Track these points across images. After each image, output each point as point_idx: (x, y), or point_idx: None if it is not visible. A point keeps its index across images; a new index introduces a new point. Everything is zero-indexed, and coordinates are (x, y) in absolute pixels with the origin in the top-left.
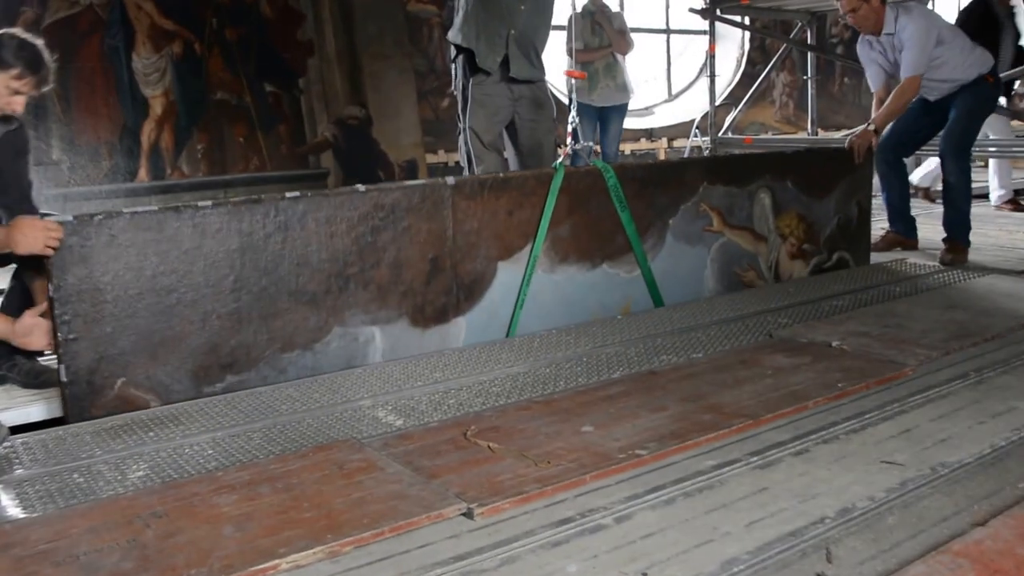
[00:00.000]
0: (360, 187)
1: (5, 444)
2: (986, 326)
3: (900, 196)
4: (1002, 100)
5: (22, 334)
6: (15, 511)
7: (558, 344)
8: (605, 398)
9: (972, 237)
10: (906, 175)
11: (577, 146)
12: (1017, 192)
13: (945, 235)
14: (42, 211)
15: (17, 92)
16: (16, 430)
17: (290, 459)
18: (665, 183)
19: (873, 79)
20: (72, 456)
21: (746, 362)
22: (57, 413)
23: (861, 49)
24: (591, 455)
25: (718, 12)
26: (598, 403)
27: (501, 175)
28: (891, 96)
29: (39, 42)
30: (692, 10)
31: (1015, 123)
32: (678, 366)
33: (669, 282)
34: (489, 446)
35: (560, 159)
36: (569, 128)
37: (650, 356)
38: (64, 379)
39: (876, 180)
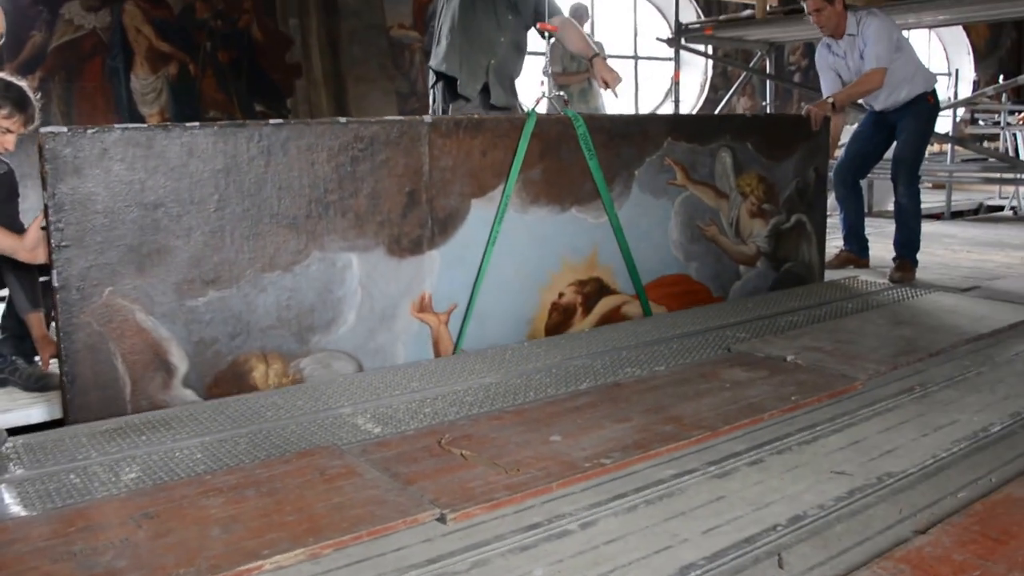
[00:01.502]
0: (341, 119)
1: (6, 445)
2: (931, 342)
3: (856, 217)
4: (947, 128)
5: (30, 248)
6: (16, 509)
7: (529, 356)
8: (572, 409)
9: (919, 256)
10: (862, 197)
11: (551, 95)
12: (955, 214)
13: (895, 254)
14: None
15: (8, 131)
16: (17, 431)
17: (274, 464)
18: (631, 136)
19: (827, 86)
20: (70, 457)
21: (706, 375)
22: (57, 415)
23: (820, 55)
24: (558, 464)
25: (683, 41)
26: (566, 413)
27: (476, 116)
28: (856, 81)
29: (23, 83)
30: (659, 39)
31: (959, 149)
32: (642, 378)
33: (635, 231)
34: (462, 454)
35: (533, 106)
36: (543, 78)
37: (615, 368)
38: (56, 284)
39: (832, 200)
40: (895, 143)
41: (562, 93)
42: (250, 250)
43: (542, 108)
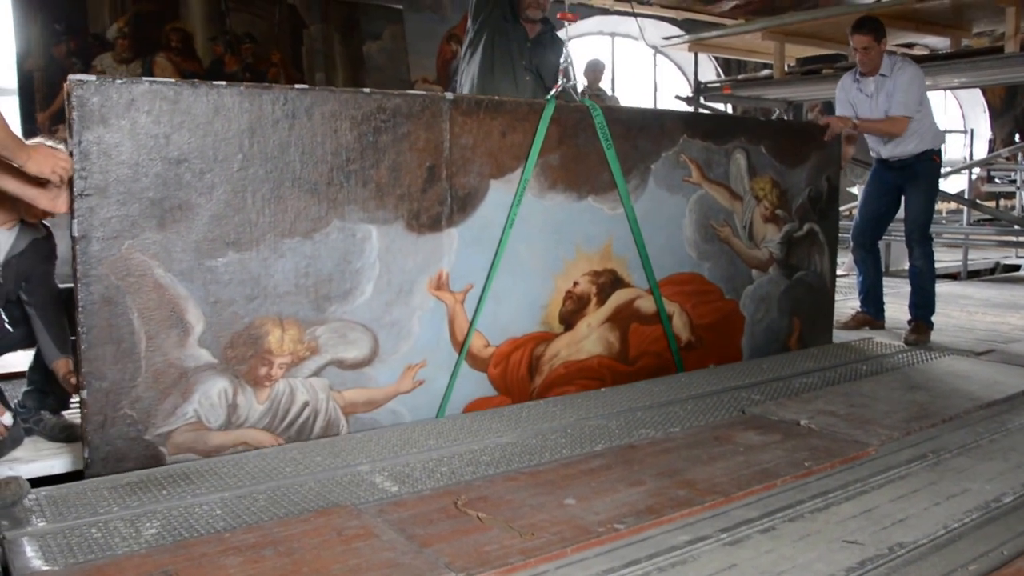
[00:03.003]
0: (365, 89)
1: (29, 498)
2: (944, 407)
3: (874, 279)
4: (963, 185)
5: (51, 197)
6: (38, 563)
7: (544, 415)
8: (587, 471)
9: (935, 318)
10: (880, 259)
11: (569, 84)
12: (972, 274)
13: (911, 316)
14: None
15: None
16: (40, 481)
17: (292, 523)
18: (648, 129)
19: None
20: (91, 511)
21: (720, 439)
22: (80, 466)
23: (843, 85)
24: (572, 528)
25: (702, 99)
26: (580, 476)
27: (496, 98)
28: (881, 119)
29: (61, 148)
30: (678, 97)
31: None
32: (656, 440)
33: (650, 225)
34: (478, 516)
35: (552, 92)
36: (561, 67)
37: (630, 429)
38: (76, 234)
39: (851, 260)
40: (905, 206)
41: (578, 82)
42: (271, 213)
43: (557, 84)
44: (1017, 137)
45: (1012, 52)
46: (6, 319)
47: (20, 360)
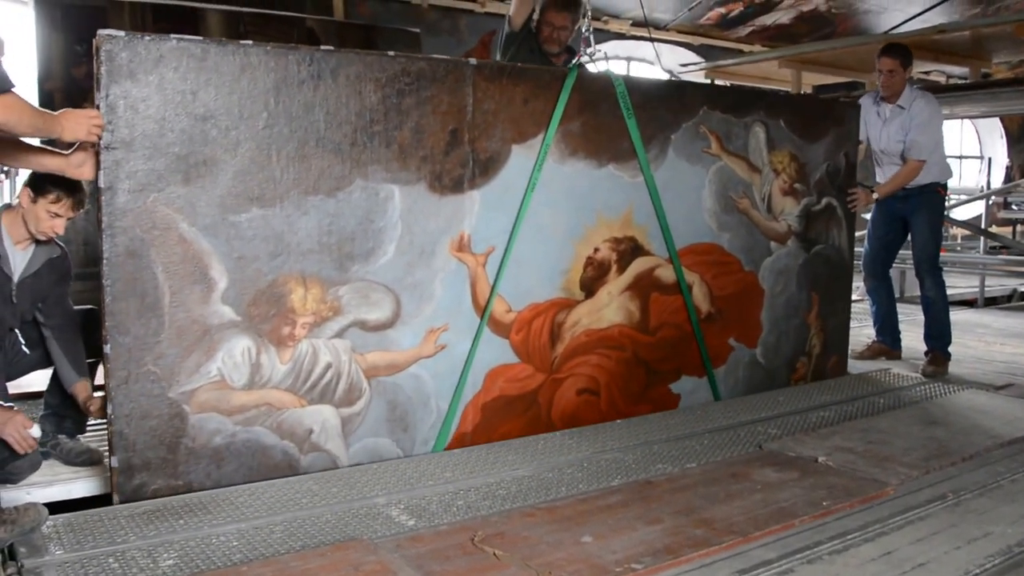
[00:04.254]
0: (390, 52)
1: (47, 525)
2: (964, 445)
3: (888, 308)
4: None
5: (76, 164)
6: None
7: (560, 447)
8: (604, 507)
9: (952, 348)
10: (892, 289)
11: (589, 50)
12: (989, 300)
13: (927, 347)
14: None
15: (56, 215)
16: (59, 506)
17: (310, 556)
18: (668, 100)
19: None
20: (109, 540)
21: (737, 475)
22: (97, 491)
23: (863, 102)
24: (589, 567)
25: None
26: (597, 512)
27: (519, 65)
28: (896, 175)
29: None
30: None
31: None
32: (672, 476)
33: (670, 194)
34: (495, 553)
35: (574, 61)
36: (583, 36)
37: (647, 464)
38: (102, 186)
39: (863, 288)
40: (912, 238)
41: (602, 51)
42: (295, 171)
43: (580, 53)
44: None
45: None
46: (23, 341)
47: (37, 380)
